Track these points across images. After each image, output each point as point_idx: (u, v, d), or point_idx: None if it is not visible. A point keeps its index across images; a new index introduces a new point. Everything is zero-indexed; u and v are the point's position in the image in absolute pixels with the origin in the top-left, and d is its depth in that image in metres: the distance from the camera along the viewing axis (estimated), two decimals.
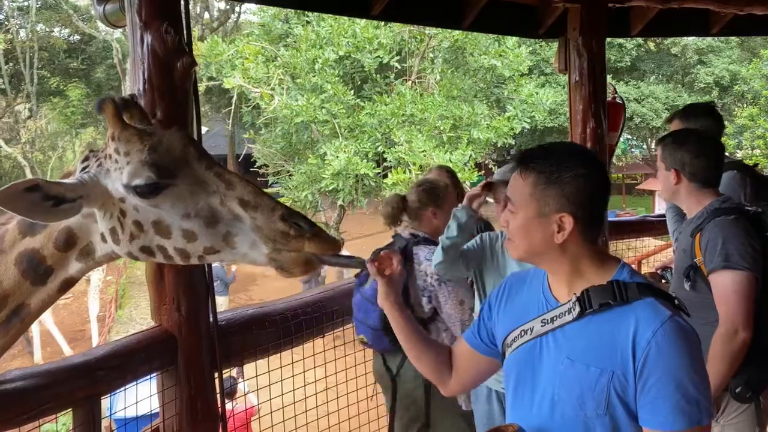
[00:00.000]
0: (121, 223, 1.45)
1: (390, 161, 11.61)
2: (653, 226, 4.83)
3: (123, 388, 2.17)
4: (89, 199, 1.44)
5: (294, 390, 3.03)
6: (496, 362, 1.61)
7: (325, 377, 3.28)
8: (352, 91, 12.09)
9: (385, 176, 11.53)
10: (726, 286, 2.09)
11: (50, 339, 11.06)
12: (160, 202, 1.41)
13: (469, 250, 2.55)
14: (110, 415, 2.49)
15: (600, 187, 1.39)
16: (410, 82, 13.03)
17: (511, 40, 12.56)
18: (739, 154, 19.60)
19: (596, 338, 1.34)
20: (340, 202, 12.25)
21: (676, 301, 1.37)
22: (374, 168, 11.42)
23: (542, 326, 1.42)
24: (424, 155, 11.06)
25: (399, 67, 12.58)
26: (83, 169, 1.47)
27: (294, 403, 3.03)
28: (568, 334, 1.38)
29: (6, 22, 23.27)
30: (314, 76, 11.71)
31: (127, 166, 1.41)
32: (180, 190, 1.41)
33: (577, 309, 1.36)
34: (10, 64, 24.03)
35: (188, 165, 1.43)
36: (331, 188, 11.49)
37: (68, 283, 1.57)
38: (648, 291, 1.34)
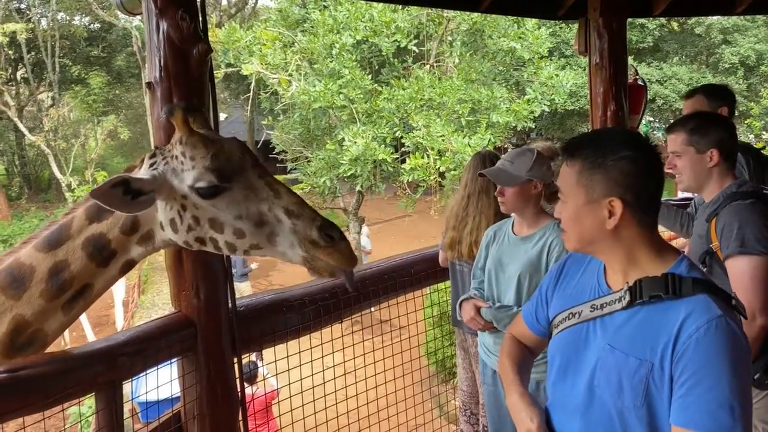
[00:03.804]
0: (181, 216, 1.66)
1: (408, 146, 11.57)
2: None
3: (144, 373, 2.19)
4: (159, 192, 1.64)
5: (313, 375, 3.06)
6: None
7: (344, 362, 3.30)
8: (370, 76, 12.02)
9: (403, 161, 11.50)
10: (742, 271, 2.04)
11: (76, 324, 11.28)
12: (217, 203, 1.62)
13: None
14: (133, 398, 2.53)
15: (649, 170, 1.34)
16: (428, 65, 12.93)
17: (530, 22, 12.38)
18: (765, 136, 19.19)
19: (642, 329, 1.31)
20: (358, 188, 12.26)
21: (734, 302, 1.32)
22: (392, 153, 11.39)
23: (591, 311, 1.40)
24: (443, 140, 11.01)
25: (417, 50, 12.49)
26: (151, 165, 1.66)
27: (313, 387, 3.06)
28: (616, 321, 1.36)
29: (27, 12, 23.51)
30: (332, 61, 11.67)
31: (193, 170, 1.61)
32: (235, 194, 1.62)
33: (627, 298, 1.33)
34: (33, 53, 24.33)
35: (244, 172, 1.63)
36: (349, 174, 11.49)
37: (128, 265, 1.79)
38: (703, 287, 1.29)
